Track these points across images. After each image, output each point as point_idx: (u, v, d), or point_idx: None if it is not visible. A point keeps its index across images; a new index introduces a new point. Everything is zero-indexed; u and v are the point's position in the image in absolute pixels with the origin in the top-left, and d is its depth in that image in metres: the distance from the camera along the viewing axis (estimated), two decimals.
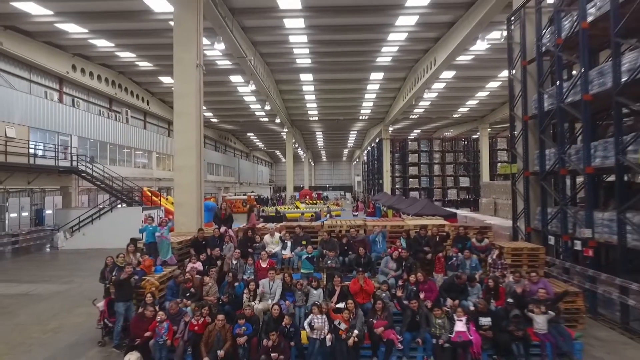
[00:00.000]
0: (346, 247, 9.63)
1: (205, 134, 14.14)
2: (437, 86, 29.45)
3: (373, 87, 31.13)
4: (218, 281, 8.49)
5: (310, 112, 40.63)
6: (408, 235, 9.80)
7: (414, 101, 30.65)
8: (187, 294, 7.84)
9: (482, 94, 32.74)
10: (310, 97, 34.06)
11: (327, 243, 9.76)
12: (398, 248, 9.06)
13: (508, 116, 14.49)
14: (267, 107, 31.53)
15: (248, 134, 58.02)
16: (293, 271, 9.21)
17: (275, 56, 24.12)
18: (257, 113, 39.32)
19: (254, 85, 25.03)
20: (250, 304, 7.46)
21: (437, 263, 8.96)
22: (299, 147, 57.93)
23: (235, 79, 27.68)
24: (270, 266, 8.66)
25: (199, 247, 9.83)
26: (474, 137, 43.89)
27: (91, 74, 25.04)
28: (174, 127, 13.76)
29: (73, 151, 22.05)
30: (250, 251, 9.77)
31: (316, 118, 43.48)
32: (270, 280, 8.07)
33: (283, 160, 74.05)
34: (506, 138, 37.57)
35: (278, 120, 38.38)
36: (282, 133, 46.09)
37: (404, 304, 7.50)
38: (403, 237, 9.71)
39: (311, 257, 9.22)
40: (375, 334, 6.91)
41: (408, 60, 25.10)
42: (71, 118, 22.94)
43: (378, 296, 7.62)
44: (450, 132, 48.46)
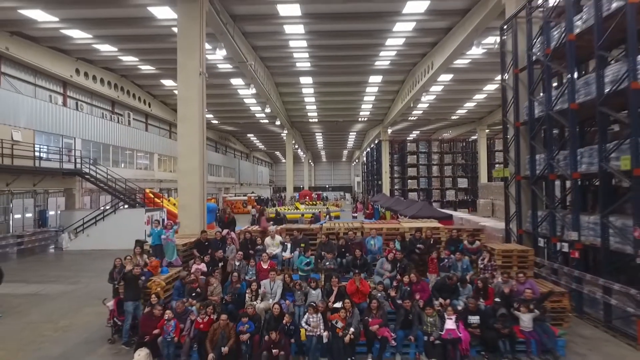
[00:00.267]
0: (344, 249, 10.04)
1: (206, 136, 14.51)
2: (435, 89, 29.86)
3: (372, 90, 31.56)
4: (221, 282, 8.91)
5: (310, 114, 41.07)
6: (402, 238, 10.21)
7: (412, 104, 31.08)
8: (193, 294, 8.27)
9: (480, 97, 33.14)
10: (309, 100, 34.51)
11: (326, 245, 10.17)
12: (392, 250, 9.48)
13: None
14: (268, 110, 31.95)
15: (248, 135, 58.45)
16: (293, 272, 9.65)
17: (275, 60, 24.56)
18: (258, 115, 39.74)
19: (255, 88, 25.45)
20: (252, 303, 7.89)
21: (430, 264, 9.39)
22: (299, 148, 58.34)
23: (235, 82, 28.09)
24: (271, 267, 9.08)
25: (202, 249, 10.25)
26: (472, 139, 44.32)
27: (94, 78, 25.46)
28: (178, 132, 14.20)
29: (77, 154, 22.48)
30: (251, 253, 10.19)
31: (316, 120, 43.93)
32: (271, 280, 8.50)
33: (283, 160, 74.47)
34: (503, 140, 37.94)
35: (278, 122, 38.80)
36: (282, 134, 46.50)
37: (398, 304, 7.93)
38: (398, 240, 10.13)
39: (308, 262, 9.64)
40: (370, 332, 7.33)
41: (406, 63, 25.54)
42: (75, 121, 23.35)
43: (374, 296, 8.03)
44: (449, 133, 48.89)
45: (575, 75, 9.87)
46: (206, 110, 14.70)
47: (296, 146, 54.41)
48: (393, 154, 42.02)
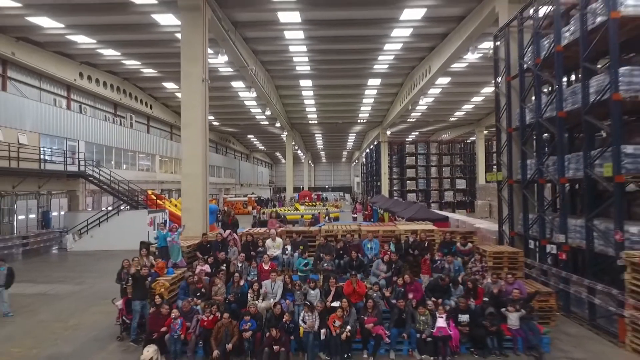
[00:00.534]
0: (341, 252, 10.47)
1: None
2: (433, 91, 30.25)
3: (371, 92, 31.99)
4: (225, 282, 9.33)
5: (309, 116, 41.52)
6: (397, 240, 10.66)
7: (411, 106, 31.51)
8: (198, 294, 8.70)
9: (478, 99, 33.56)
10: (309, 102, 34.96)
11: (324, 247, 10.61)
12: (388, 252, 9.92)
13: None
14: (268, 112, 32.39)
15: (248, 136, 58.88)
16: (292, 273, 10.09)
17: (275, 64, 25.00)
18: (258, 117, 40.19)
19: (255, 91, 25.89)
20: (254, 303, 8.32)
21: (423, 265, 9.83)
22: (299, 149, 58.78)
23: (236, 85, 28.51)
24: (272, 268, 9.52)
25: (205, 251, 10.69)
26: (471, 140, 44.72)
27: (97, 81, 25.89)
28: (182, 137, 14.61)
29: (80, 156, 22.90)
30: (253, 254, 10.62)
31: (315, 121, 44.41)
32: (272, 281, 8.95)
33: (283, 161, 74.89)
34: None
35: (278, 124, 39.24)
36: (282, 136, 46.94)
37: (392, 303, 8.37)
38: (393, 242, 10.57)
39: (306, 263, 10.08)
40: (365, 329, 7.77)
41: (404, 67, 25.99)
42: (78, 124, 23.78)
43: (369, 296, 8.47)
44: (447, 135, 49.32)
45: (564, 84, 10.30)
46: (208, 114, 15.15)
47: (296, 147, 54.83)
48: (392, 156, 42.45)
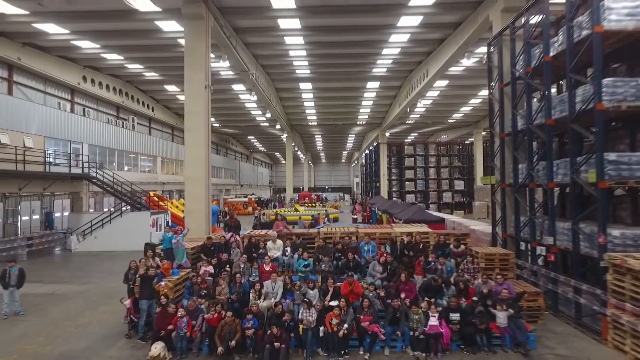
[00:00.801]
0: (339, 253, 10.90)
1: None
2: (432, 94, 30.67)
3: (370, 95, 32.43)
4: (228, 282, 9.76)
5: (309, 118, 41.97)
6: (393, 242, 11.09)
7: (409, 108, 31.94)
8: (202, 294, 9.14)
9: (476, 101, 33.94)
10: (309, 104, 35.41)
11: (323, 249, 11.05)
12: (384, 254, 10.36)
13: None
14: (268, 115, 32.80)
15: (249, 137, 59.29)
16: (292, 274, 10.53)
17: (276, 67, 25.43)
18: (258, 119, 40.62)
19: (256, 94, 26.31)
20: (256, 302, 8.75)
21: (417, 266, 10.25)
22: (299, 150, 59.19)
23: (237, 87, 28.93)
24: (272, 269, 9.95)
25: (209, 252, 11.13)
26: (469, 141, 45.13)
27: (100, 84, 26.32)
28: (185, 142, 15.04)
29: (84, 158, 23.33)
30: (254, 256, 11.05)
31: (315, 123, 44.85)
32: (272, 281, 9.39)
33: (283, 161, 75.29)
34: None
35: (278, 126, 39.67)
36: (282, 137, 47.36)
37: (387, 302, 8.79)
38: (388, 244, 11.00)
39: (306, 264, 10.50)
40: (362, 327, 8.20)
41: (402, 71, 26.43)
42: (82, 127, 24.22)
43: (366, 295, 8.90)
44: (446, 136, 49.73)
45: (552, 92, 10.72)
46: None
47: (296, 148, 55.25)
48: (391, 157, 42.87)
